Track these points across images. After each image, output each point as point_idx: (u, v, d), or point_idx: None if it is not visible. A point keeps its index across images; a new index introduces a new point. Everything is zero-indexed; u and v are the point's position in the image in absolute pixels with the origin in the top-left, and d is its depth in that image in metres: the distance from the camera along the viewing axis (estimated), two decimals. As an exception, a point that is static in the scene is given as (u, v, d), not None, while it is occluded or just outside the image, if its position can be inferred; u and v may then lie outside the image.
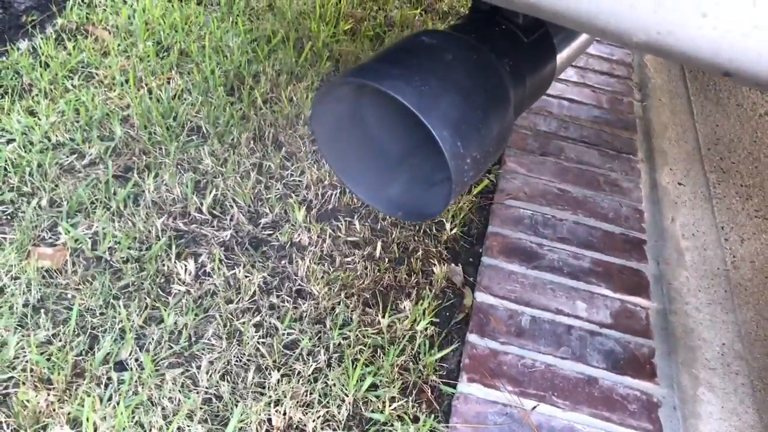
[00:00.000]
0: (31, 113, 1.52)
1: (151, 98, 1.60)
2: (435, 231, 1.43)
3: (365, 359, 1.13)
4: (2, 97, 1.55)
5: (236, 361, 1.10)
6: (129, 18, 1.87)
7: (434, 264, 1.35)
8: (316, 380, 1.09)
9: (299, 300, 1.22)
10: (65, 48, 1.74)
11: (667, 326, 1.33)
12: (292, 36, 1.89)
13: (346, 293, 1.24)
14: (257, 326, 1.16)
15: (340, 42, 1.96)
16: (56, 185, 1.36)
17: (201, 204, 1.36)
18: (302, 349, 1.13)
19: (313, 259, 1.29)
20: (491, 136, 0.67)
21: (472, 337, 1.22)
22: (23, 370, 1.03)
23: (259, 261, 1.28)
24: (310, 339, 1.14)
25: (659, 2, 0.48)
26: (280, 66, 1.78)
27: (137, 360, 1.07)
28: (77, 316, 1.12)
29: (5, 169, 1.37)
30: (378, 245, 1.35)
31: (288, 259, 1.29)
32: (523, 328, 1.26)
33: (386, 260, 1.33)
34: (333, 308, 1.21)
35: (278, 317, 1.18)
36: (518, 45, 0.77)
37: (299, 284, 1.25)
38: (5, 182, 1.35)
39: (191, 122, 1.56)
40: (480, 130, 0.65)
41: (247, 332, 1.14)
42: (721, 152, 1.89)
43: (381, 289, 1.27)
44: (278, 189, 1.43)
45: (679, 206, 1.66)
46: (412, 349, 1.17)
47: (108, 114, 1.54)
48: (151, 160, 1.45)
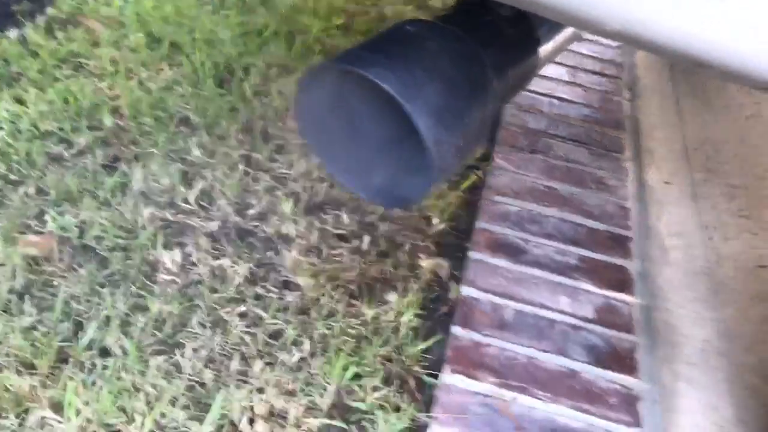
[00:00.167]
0: (20, 102, 1.52)
1: (141, 89, 1.60)
2: (423, 225, 1.44)
3: (349, 349, 1.14)
4: (-9, 85, 1.55)
5: (220, 350, 1.10)
6: (120, 9, 1.88)
7: (421, 258, 1.35)
8: (300, 369, 1.09)
9: (285, 291, 1.23)
10: (55, 38, 1.74)
11: (650, 322, 1.34)
12: (284, 30, 1.90)
13: (332, 285, 1.25)
14: (242, 316, 1.16)
15: (333, 37, 1.97)
16: (44, 174, 1.36)
17: (188, 194, 1.36)
18: (286, 339, 1.13)
19: (300, 251, 1.30)
20: (473, 126, 0.68)
21: (456, 329, 1.23)
22: (6, 355, 1.03)
23: (246, 252, 1.28)
24: (295, 329, 1.15)
25: None
26: (271, 59, 1.79)
27: (122, 346, 1.07)
28: (62, 303, 1.12)
29: (-7, 157, 1.37)
30: (365, 238, 1.36)
31: (274, 251, 1.30)
32: (507, 322, 1.27)
33: (373, 253, 1.34)
34: (318, 299, 1.22)
35: (263, 307, 1.18)
36: (502, 36, 0.78)
37: (285, 275, 1.26)
38: (-7, 170, 1.35)
39: (180, 113, 1.57)
40: (462, 119, 0.66)
41: (232, 321, 1.14)
42: (708, 152, 1.90)
43: (367, 282, 1.28)
44: (266, 181, 1.44)
45: (665, 205, 1.67)
46: (396, 340, 1.18)
47: (97, 104, 1.54)
48: (140, 151, 1.45)
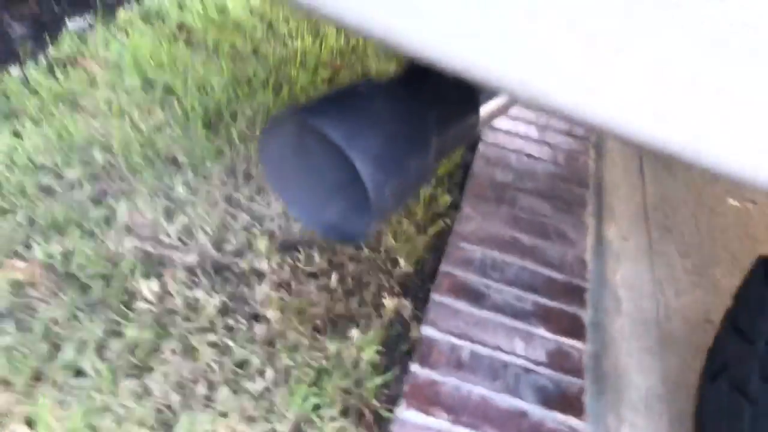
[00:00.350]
0: (17, 135, 1.61)
1: (133, 129, 1.70)
2: (389, 267, 1.53)
3: (310, 381, 1.21)
4: (-9, 119, 1.64)
5: (189, 375, 1.17)
6: (119, 53, 1.99)
7: (385, 297, 1.44)
8: (263, 397, 1.16)
9: (254, 322, 1.30)
10: (55, 77, 1.85)
11: (599, 368, 1.43)
12: (272, 79, 2.02)
13: (299, 319, 1.33)
14: (212, 344, 1.24)
15: (318, 88, 2.09)
16: (34, 204, 1.44)
17: (170, 229, 1.44)
18: (252, 368, 1.21)
19: (271, 286, 1.38)
20: (411, 174, 0.79)
21: (414, 367, 1.31)
22: (-14, 372, 1.09)
23: (220, 285, 1.36)
24: (260, 359, 1.22)
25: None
26: (258, 106, 1.90)
27: (96, 368, 1.14)
28: (43, 326, 1.19)
29: (-13, 186, 1.45)
30: (334, 276, 1.44)
31: (247, 285, 1.38)
32: (464, 362, 1.35)
33: (340, 291, 1.42)
34: (285, 332, 1.29)
35: (232, 337, 1.25)
36: (444, 96, 0.89)
37: (255, 308, 1.33)
38: (-14, 198, 1.43)
39: (169, 153, 1.66)
40: (401, 168, 0.77)
41: (202, 349, 1.21)
42: (666, 211, 2.02)
43: (332, 317, 1.36)
44: (245, 219, 1.53)
45: (622, 259, 1.77)
46: (356, 374, 1.25)
47: (90, 141, 1.64)
48: (127, 186, 1.54)
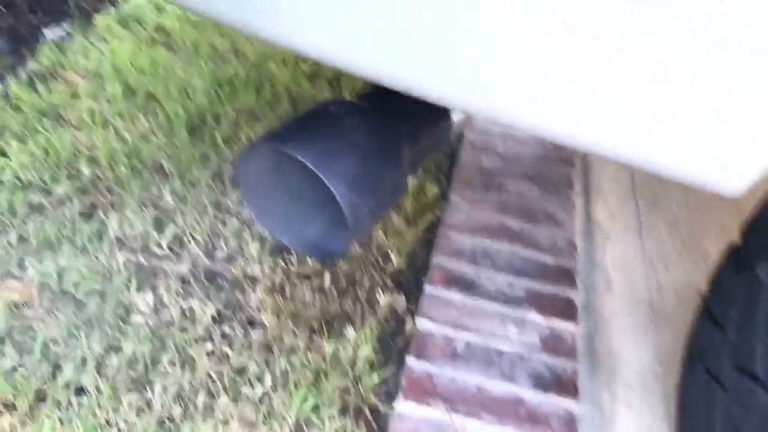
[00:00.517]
0: (2, 154, 1.61)
1: (117, 139, 1.70)
2: (381, 263, 1.55)
3: (308, 382, 1.23)
4: (-25, 139, 1.64)
5: (188, 386, 1.19)
6: (99, 62, 1.99)
7: (379, 294, 1.46)
8: (262, 402, 1.19)
9: (250, 328, 1.32)
10: (36, 91, 1.84)
11: (592, 349, 1.45)
12: (254, 78, 2.01)
13: (294, 322, 1.35)
14: (209, 354, 1.26)
15: (300, 84, 2.09)
16: (25, 222, 1.45)
17: (161, 239, 1.46)
18: (250, 374, 1.23)
19: (265, 291, 1.40)
20: (386, 189, 0.80)
21: (411, 361, 1.33)
22: (-11, 397, 1.11)
23: (214, 292, 1.38)
24: (258, 365, 1.24)
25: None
26: (241, 107, 1.90)
27: (96, 386, 1.16)
28: (42, 346, 1.21)
29: (-24, 208, 1.46)
30: (326, 277, 1.46)
31: (241, 291, 1.40)
32: (459, 352, 1.37)
33: (334, 291, 1.44)
34: (281, 336, 1.31)
35: (229, 345, 1.28)
36: (414, 111, 0.90)
37: (251, 314, 1.35)
38: (-24, 220, 1.44)
39: (155, 161, 1.67)
40: (375, 185, 0.78)
41: (200, 359, 1.24)
42: (653, 184, 2.04)
43: (327, 318, 1.38)
44: (234, 225, 1.54)
45: (611, 237, 1.79)
46: (354, 373, 1.28)
47: (75, 154, 1.64)
48: (116, 198, 1.55)
